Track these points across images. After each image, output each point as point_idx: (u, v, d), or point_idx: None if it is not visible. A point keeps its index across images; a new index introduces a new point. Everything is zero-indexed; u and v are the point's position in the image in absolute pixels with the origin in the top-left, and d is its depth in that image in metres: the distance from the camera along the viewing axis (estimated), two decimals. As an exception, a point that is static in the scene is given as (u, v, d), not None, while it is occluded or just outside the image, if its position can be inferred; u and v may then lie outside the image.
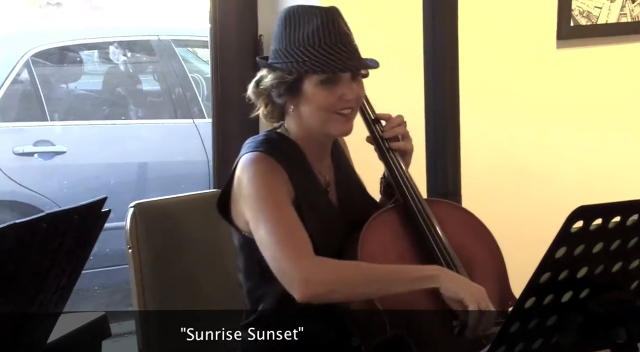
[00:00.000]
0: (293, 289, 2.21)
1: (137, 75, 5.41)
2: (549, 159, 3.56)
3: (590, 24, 3.62)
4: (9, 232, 1.64)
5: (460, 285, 2.23)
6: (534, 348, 1.87)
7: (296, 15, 2.34)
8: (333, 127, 2.37)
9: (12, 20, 4.65)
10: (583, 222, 1.74)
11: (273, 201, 2.28)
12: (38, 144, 4.87)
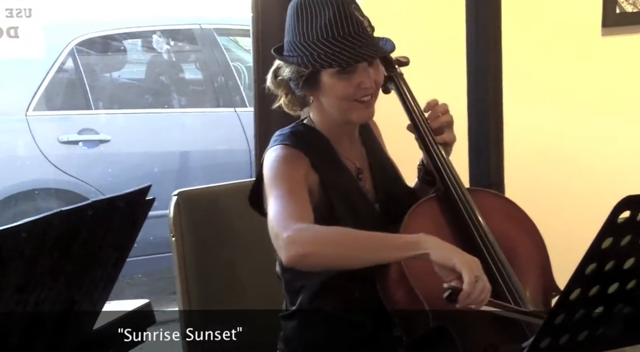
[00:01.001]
0: (280, 252, 2.18)
1: (179, 63, 5.44)
2: (595, 149, 3.54)
3: (637, 10, 3.59)
4: (55, 220, 1.65)
5: (451, 251, 2.13)
6: (579, 340, 1.85)
7: (308, 5, 2.31)
8: (354, 115, 2.36)
9: (57, 10, 4.67)
10: (630, 212, 1.73)
11: (282, 183, 2.27)
12: (82, 132, 4.91)
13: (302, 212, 2.22)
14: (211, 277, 2.70)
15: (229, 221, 2.74)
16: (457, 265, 2.11)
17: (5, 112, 4.81)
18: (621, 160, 3.55)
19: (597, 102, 3.56)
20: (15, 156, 4.80)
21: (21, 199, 4.71)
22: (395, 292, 2.31)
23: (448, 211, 2.41)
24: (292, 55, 2.32)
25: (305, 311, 2.38)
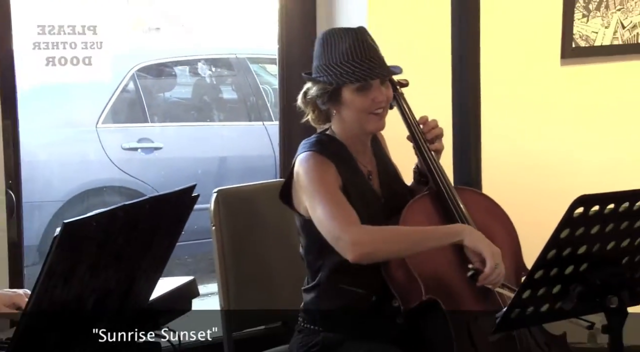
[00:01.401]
0: (346, 253, 2.20)
1: (219, 86, 5.43)
2: (556, 156, 3.53)
3: (589, 45, 3.59)
4: (119, 212, 1.66)
5: (481, 240, 2.21)
6: (541, 311, 1.86)
7: (332, 36, 2.34)
8: (370, 125, 2.37)
9: (122, 43, 4.68)
10: (583, 208, 1.73)
11: (324, 188, 2.28)
12: (141, 141, 4.90)
13: (350, 214, 2.24)
14: (244, 259, 2.69)
15: (258, 213, 2.74)
16: (484, 252, 2.18)
17: (80, 125, 4.81)
18: (577, 165, 3.54)
19: (557, 118, 3.55)
20: (87, 160, 4.80)
21: (92, 195, 4.70)
22: (395, 272, 2.31)
23: (439, 204, 2.42)
24: (320, 76, 2.34)
25: (323, 285, 2.38)
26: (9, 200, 2.73)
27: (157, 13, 5.41)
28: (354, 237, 2.19)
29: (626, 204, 1.78)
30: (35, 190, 4.36)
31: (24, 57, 3.04)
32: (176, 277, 2.19)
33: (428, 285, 2.26)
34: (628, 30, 3.67)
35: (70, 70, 3.17)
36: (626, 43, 3.66)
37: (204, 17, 5.54)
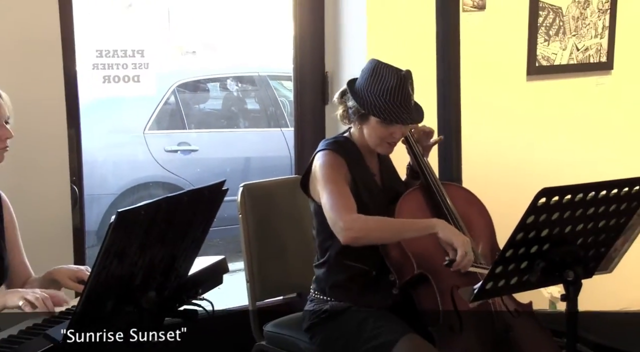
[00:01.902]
0: (339, 235, 2.21)
1: (244, 98, 5.42)
2: (522, 156, 3.52)
3: (549, 64, 3.58)
4: (163, 203, 1.66)
5: (453, 233, 2.20)
6: (511, 283, 1.86)
7: (381, 71, 2.29)
8: (381, 149, 2.37)
9: (165, 64, 4.69)
10: (546, 198, 1.73)
11: (332, 181, 2.28)
12: (180, 144, 4.89)
13: (349, 204, 2.24)
14: (265, 241, 2.69)
15: (277, 203, 2.74)
16: (455, 243, 2.17)
17: (130, 131, 4.80)
18: (541, 163, 3.53)
19: (524, 123, 3.54)
20: (136, 160, 4.79)
21: (140, 189, 4.70)
22: (391, 251, 2.31)
23: (428, 196, 2.42)
24: (359, 97, 2.30)
25: (331, 261, 2.39)
26: (73, 193, 2.73)
27: (193, 39, 5.41)
28: (347, 223, 2.19)
29: (581, 195, 1.77)
30: (94, 185, 4.36)
31: (85, 76, 3.04)
32: (209, 256, 2.19)
33: (419, 262, 2.26)
34: (582, 52, 3.66)
35: (122, 87, 3.17)
36: (580, 63, 3.66)
37: (232, 43, 5.54)
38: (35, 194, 2.59)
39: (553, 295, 3.11)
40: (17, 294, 1.86)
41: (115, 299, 1.63)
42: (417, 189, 2.43)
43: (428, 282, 2.26)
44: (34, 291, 1.87)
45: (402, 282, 2.29)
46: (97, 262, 1.53)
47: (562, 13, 3.57)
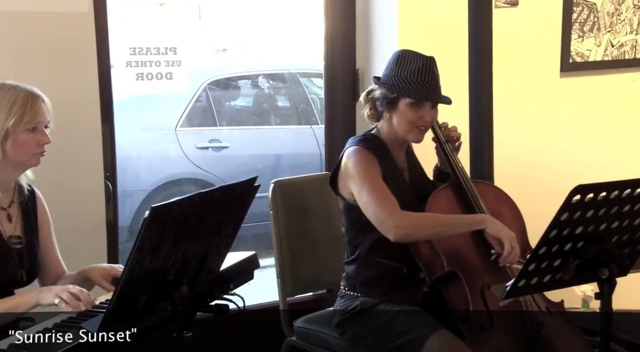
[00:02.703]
0: (389, 233, 2.20)
1: (275, 96, 5.43)
2: (556, 154, 3.48)
3: (583, 61, 3.53)
4: (196, 198, 1.66)
5: (501, 228, 2.20)
6: (544, 281, 1.84)
7: (406, 56, 2.32)
8: (411, 136, 2.36)
9: (196, 61, 4.72)
10: (580, 196, 1.71)
11: (371, 177, 2.27)
12: (211, 141, 4.91)
13: (393, 201, 2.24)
14: (296, 237, 2.69)
15: (307, 200, 2.74)
16: (503, 237, 2.17)
17: (163, 128, 4.84)
18: (574, 161, 3.48)
19: (557, 120, 3.50)
20: (168, 156, 4.83)
21: (172, 185, 4.73)
22: (421, 248, 2.30)
23: (458, 194, 2.40)
24: (387, 83, 2.32)
25: (361, 259, 2.38)
26: (106, 189, 2.76)
27: (224, 37, 5.44)
28: (397, 221, 2.18)
29: (616, 192, 1.76)
30: (127, 181, 4.40)
31: (119, 73, 3.07)
32: (241, 252, 2.19)
33: (449, 259, 2.25)
34: (616, 49, 3.61)
35: (155, 84, 3.19)
36: (614, 59, 3.61)
37: (262, 40, 5.56)
38: (70, 189, 2.62)
39: (586, 293, 3.07)
40: (51, 292, 1.88)
41: (149, 294, 1.64)
42: (447, 186, 2.41)
43: (458, 280, 2.25)
44: (67, 288, 1.88)
45: (432, 279, 2.28)
46: (131, 256, 1.54)
47: (597, 9, 3.53)
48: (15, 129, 1.96)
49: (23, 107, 1.96)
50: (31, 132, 1.99)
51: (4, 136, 1.96)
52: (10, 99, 1.96)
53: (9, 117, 1.95)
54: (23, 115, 1.96)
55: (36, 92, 2.02)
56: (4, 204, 2.05)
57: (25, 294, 1.94)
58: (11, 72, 2.05)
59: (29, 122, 1.98)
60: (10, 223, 2.06)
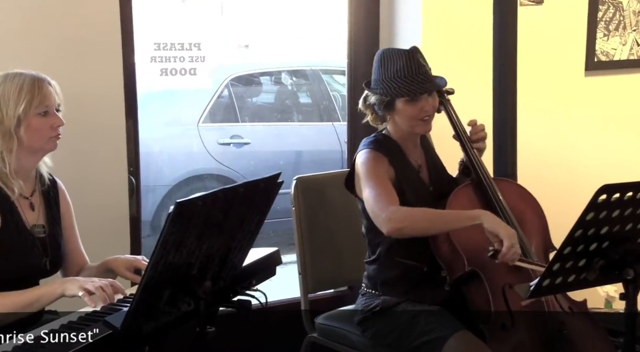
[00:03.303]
0: (382, 227, 2.19)
1: (297, 92, 5.44)
2: (579, 153, 3.46)
3: (608, 60, 3.50)
4: (220, 194, 1.66)
5: (499, 224, 2.14)
6: (569, 281, 1.82)
7: (388, 55, 2.30)
8: (418, 129, 2.35)
9: (219, 57, 4.73)
10: (606, 195, 1.69)
11: (374, 176, 2.27)
12: (233, 137, 4.92)
13: (391, 197, 2.23)
14: (317, 234, 2.69)
15: (329, 196, 2.73)
16: (501, 234, 2.12)
17: (185, 124, 4.85)
18: (596, 160, 3.46)
19: (581, 120, 3.48)
20: (191, 152, 4.84)
21: (195, 180, 4.75)
22: (442, 247, 2.29)
23: (479, 192, 2.38)
24: (377, 88, 2.31)
25: (382, 258, 2.37)
26: (130, 183, 2.77)
27: (246, 33, 5.44)
28: (389, 215, 2.17)
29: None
30: (150, 175, 4.42)
31: (143, 69, 3.09)
32: (263, 248, 2.19)
33: (470, 259, 2.23)
34: (643, 47, 3.57)
35: (178, 79, 3.21)
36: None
37: (284, 37, 5.56)
38: (94, 183, 2.64)
39: (609, 294, 3.05)
40: (75, 283, 1.88)
41: (172, 289, 1.65)
42: (468, 185, 2.40)
43: (479, 279, 2.24)
44: (92, 280, 1.89)
45: (453, 278, 2.27)
46: (155, 251, 1.55)
47: (623, 7, 3.49)
48: (26, 115, 1.96)
49: (31, 91, 1.96)
50: (43, 116, 1.99)
51: (17, 123, 1.96)
52: (17, 85, 1.96)
53: (19, 104, 1.95)
54: (32, 100, 1.96)
55: (42, 75, 2.02)
56: (26, 193, 2.06)
57: (50, 284, 1.95)
58: (37, 67, 2.05)
59: (38, 106, 1.98)
60: (33, 212, 2.07)
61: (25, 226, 2.03)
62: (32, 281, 2.03)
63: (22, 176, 2.03)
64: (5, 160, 1.97)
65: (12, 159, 1.97)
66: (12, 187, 1.98)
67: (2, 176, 1.97)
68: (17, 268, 1.98)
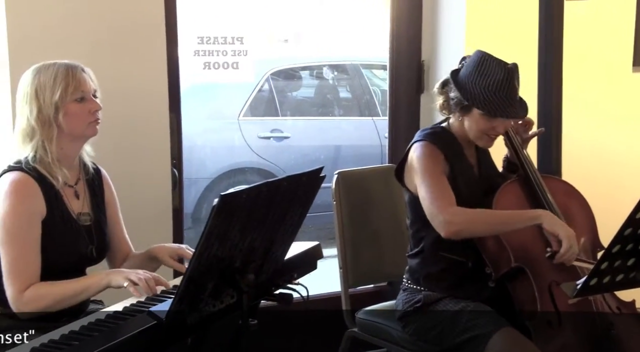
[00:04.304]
0: (440, 229, 2.17)
1: (337, 87, 5.43)
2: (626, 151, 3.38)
3: (657, 55, 3.42)
4: (263, 187, 1.67)
5: (558, 224, 2.14)
6: (617, 280, 1.79)
7: (489, 62, 2.24)
8: (481, 142, 2.32)
9: (261, 51, 4.74)
10: (658, 193, 1.65)
11: (431, 173, 2.24)
12: (273, 131, 4.93)
13: (449, 197, 2.21)
14: (358, 228, 2.68)
15: (370, 191, 2.73)
16: (561, 234, 2.11)
17: (226, 117, 4.87)
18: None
19: (628, 117, 3.40)
20: (232, 146, 4.87)
21: (236, 174, 4.76)
22: (488, 242, 2.26)
23: (526, 188, 2.35)
24: (463, 88, 2.25)
25: (425, 252, 2.36)
26: (173, 176, 2.79)
27: (286, 27, 5.45)
28: (448, 217, 2.15)
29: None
30: (192, 168, 4.44)
31: (187, 62, 3.10)
32: (304, 242, 2.19)
33: (516, 255, 2.20)
34: (697, 43, 3.47)
35: (221, 73, 3.22)
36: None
37: (324, 31, 5.55)
38: (138, 175, 2.66)
39: (657, 294, 2.98)
40: (121, 274, 1.91)
41: (216, 281, 1.65)
42: (515, 181, 2.36)
43: (525, 276, 2.20)
44: (137, 272, 1.91)
45: (498, 275, 2.24)
46: (199, 243, 1.55)
47: (673, 1, 3.40)
48: (63, 102, 1.99)
49: (65, 79, 1.99)
50: (80, 102, 2.01)
51: (55, 111, 1.99)
52: (51, 74, 1.99)
53: (55, 91, 1.98)
54: (67, 87, 1.99)
55: (75, 63, 2.04)
56: (70, 181, 2.08)
57: (96, 275, 1.97)
58: (81, 60, 2.07)
59: (74, 92, 2.00)
60: (78, 200, 2.09)
61: (71, 214, 2.05)
62: (79, 269, 2.06)
63: (65, 164, 2.05)
64: (47, 149, 2.00)
65: (54, 147, 2.00)
66: (56, 176, 2.00)
67: (45, 165, 2.00)
68: (63, 256, 2.01)
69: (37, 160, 1.99)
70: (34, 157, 1.99)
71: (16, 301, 1.90)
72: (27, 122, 1.99)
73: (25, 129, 2.00)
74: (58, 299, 1.90)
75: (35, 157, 1.99)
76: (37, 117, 1.98)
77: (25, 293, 1.89)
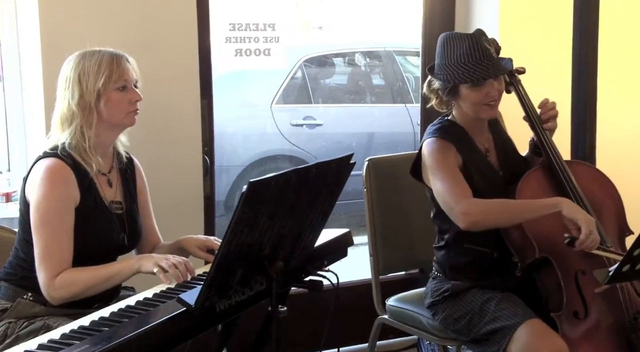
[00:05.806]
0: (458, 221, 2.16)
1: (370, 74, 5.39)
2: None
3: None
4: (292, 174, 1.66)
5: (578, 210, 2.09)
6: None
7: (450, 39, 2.23)
8: (483, 114, 2.29)
9: (294, 38, 4.72)
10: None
11: (444, 167, 2.22)
12: (306, 118, 4.92)
13: (464, 189, 2.19)
14: (389, 216, 2.67)
15: (401, 178, 2.69)
16: (579, 221, 2.07)
17: (258, 105, 4.86)
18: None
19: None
20: (264, 133, 4.87)
21: (268, 161, 4.76)
22: (512, 233, 2.23)
23: (550, 175, 2.31)
24: (440, 74, 2.25)
25: (451, 245, 2.34)
26: (204, 163, 2.80)
27: (319, 14, 5.42)
28: (465, 208, 2.13)
29: None
30: (224, 156, 4.46)
31: (218, 49, 3.10)
32: (334, 229, 2.18)
33: (541, 245, 2.18)
34: None
35: (253, 60, 3.22)
36: None
37: (357, 17, 5.51)
38: (169, 162, 2.67)
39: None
40: (151, 260, 1.92)
41: (245, 268, 1.65)
42: (538, 168, 2.32)
43: (551, 265, 2.17)
44: (167, 257, 1.92)
45: (524, 265, 2.22)
46: (228, 230, 1.55)
47: None
48: (105, 89, 2.00)
49: (109, 67, 2.01)
50: (121, 91, 2.03)
51: (97, 98, 2.00)
52: (96, 61, 2.00)
53: (98, 79, 1.99)
54: (111, 75, 2.00)
55: (120, 52, 2.06)
56: (104, 169, 2.10)
57: (127, 260, 1.99)
58: (114, 47, 2.08)
59: (117, 80, 2.01)
60: (111, 188, 2.11)
61: (104, 202, 2.07)
62: (111, 257, 2.07)
63: (100, 152, 2.07)
64: (85, 135, 2.01)
65: (92, 133, 2.02)
66: (90, 163, 2.02)
67: (81, 152, 2.01)
68: (96, 243, 2.03)
69: (72, 146, 2.01)
70: (70, 143, 2.01)
71: (48, 286, 1.92)
72: (68, 106, 2.01)
73: (65, 113, 2.02)
74: (89, 284, 1.92)
75: (72, 144, 2.01)
76: (78, 102, 2.00)
77: (57, 279, 1.91)
